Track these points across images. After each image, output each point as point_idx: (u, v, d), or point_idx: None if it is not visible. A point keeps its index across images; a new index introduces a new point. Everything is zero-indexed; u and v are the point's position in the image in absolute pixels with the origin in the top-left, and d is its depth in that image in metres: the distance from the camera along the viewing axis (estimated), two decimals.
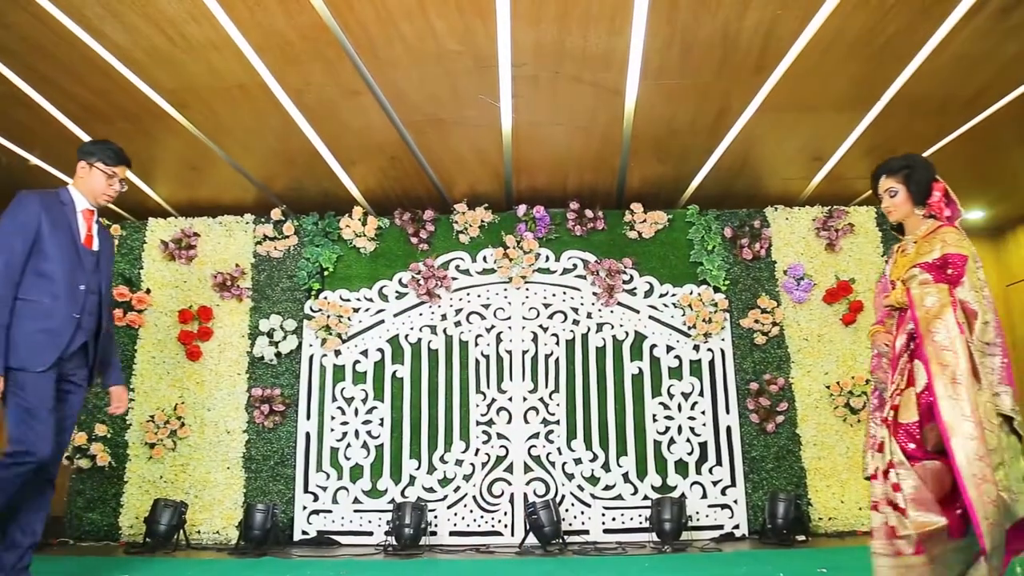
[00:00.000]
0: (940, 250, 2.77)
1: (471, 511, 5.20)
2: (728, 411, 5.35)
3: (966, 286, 2.69)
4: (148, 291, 5.62)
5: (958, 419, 2.50)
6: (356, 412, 5.39)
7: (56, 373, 3.10)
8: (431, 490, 5.24)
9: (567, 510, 5.14)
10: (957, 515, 2.49)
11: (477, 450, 5.30)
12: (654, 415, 5.33)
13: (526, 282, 5.58)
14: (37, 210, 3.15)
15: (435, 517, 5.13)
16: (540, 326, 5.52)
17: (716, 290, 5.54)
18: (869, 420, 2.86)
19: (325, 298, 5.53)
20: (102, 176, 3.30)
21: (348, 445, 5.32)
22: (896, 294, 2.87)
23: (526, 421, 5.35)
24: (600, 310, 5.53)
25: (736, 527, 5.11)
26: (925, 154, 5.12)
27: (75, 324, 3.15)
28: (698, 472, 5.23)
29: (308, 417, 5.37)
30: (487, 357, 5.48)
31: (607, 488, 5.21)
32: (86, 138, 4.74)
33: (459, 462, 5.29)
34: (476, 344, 5.50)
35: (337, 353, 5.48)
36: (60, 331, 3.10)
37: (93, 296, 3.25)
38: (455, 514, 5.19)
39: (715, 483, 5.21)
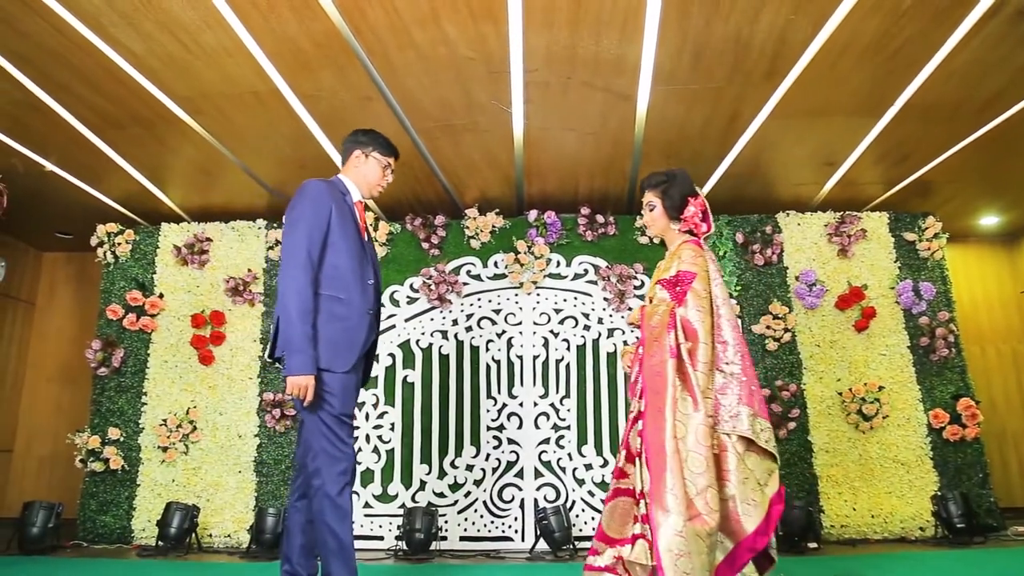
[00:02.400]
0: (676, 267, 2.77)
1: (481, 516, 5.19)
2: None
3: (689, 304, 2.67)
4: (161, 296, 5.65)
5: (658, 446, 2.50)
6: (367, 417, 5.40)
7: (355, 375, 2.89)
8: (442, 495, 5.24)
9: (578, 515, 5.13)
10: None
11: (488, 455, 5.30)
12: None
13: (537, 287, 5.58)
14: (328, 201, 2.91)
15: (446, 522, 5.13)
16: (551, 331, 5.52)
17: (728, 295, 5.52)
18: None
19: None
20: (377, 166, 3.12)
21: (359, 450, 5.33)
22: (634, 313, 2.89)
23: (537, 426, 5.34)
24: (611, 315, 5.53)
25: None
26: (938, 160, 5.11)
27: (368, 321, 2.94)
28: None
29: None
30: (498, 362, 5.48)
31: None
32: (101, 145, 4.80)
33: (470, 467, 5.29)
34: (487, 349, 5.51)
35: None
36: (357, 328, 2.88)
37: (376, 291, 3.05)
38: (466, 519, 5.19)
39: None
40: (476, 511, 5.20)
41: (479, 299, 5.60)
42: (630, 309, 5.51)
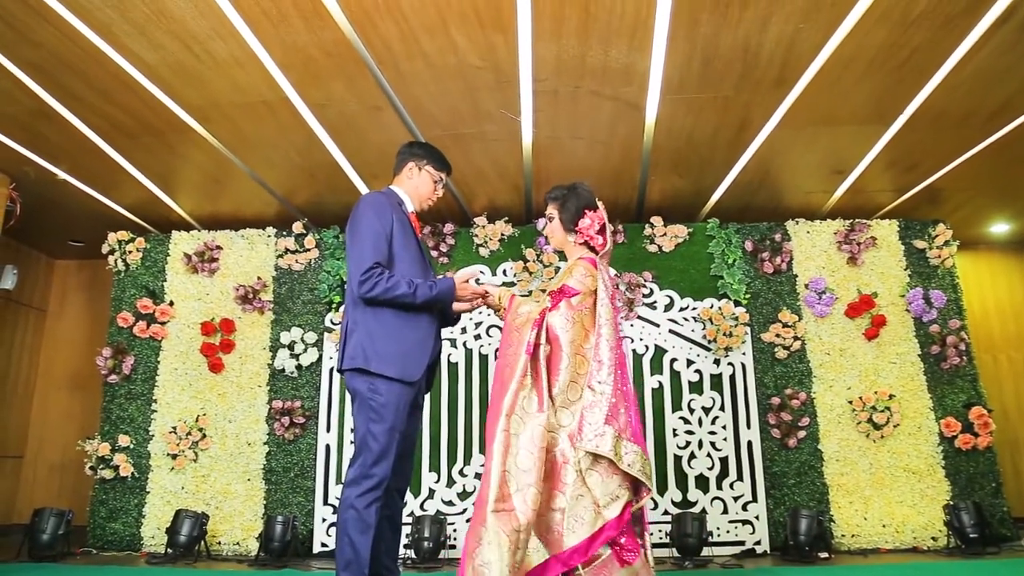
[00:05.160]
0: (563, 281, 2.78)
1: None
2: (749, 426, 5.30)
3: (560, 312, 2.67)
4: (171, 303, 5.68)
5: (491, 434, 2.53)
6: None
7: (416, 388, 2.84)
8: (450, 503, 5.24)
9: None
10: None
11: None
12: (674, 429, 5.30)
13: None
14: (389, 212, 2.88)
15: (454, 530, 5.12)
16: None
17: (737, 304, 5.52)
18: None
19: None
20: (430, 179, 3.09)
21: None
22: (503, 295, 2.93)
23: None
24: (620, 323, 5.51)
25: (757, 543, 5.06)
26: (948, 167, 5.09)
27: (436, 332, 2.92)
28: (719, 487, 5.19)
29: (328, 430, 5.39)
30: None
31: None
32: (112, 153, 4.83)
33: (478, 475, 5.28)
34: (496, 357, 5.51)
35: None
36: (426, 339, 2.85)
37: None
38: None
39: (736, 499, 5.17)
40: None
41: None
42: (639, 317, 5.50)
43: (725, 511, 5.14)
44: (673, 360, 5.44)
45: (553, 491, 2.54)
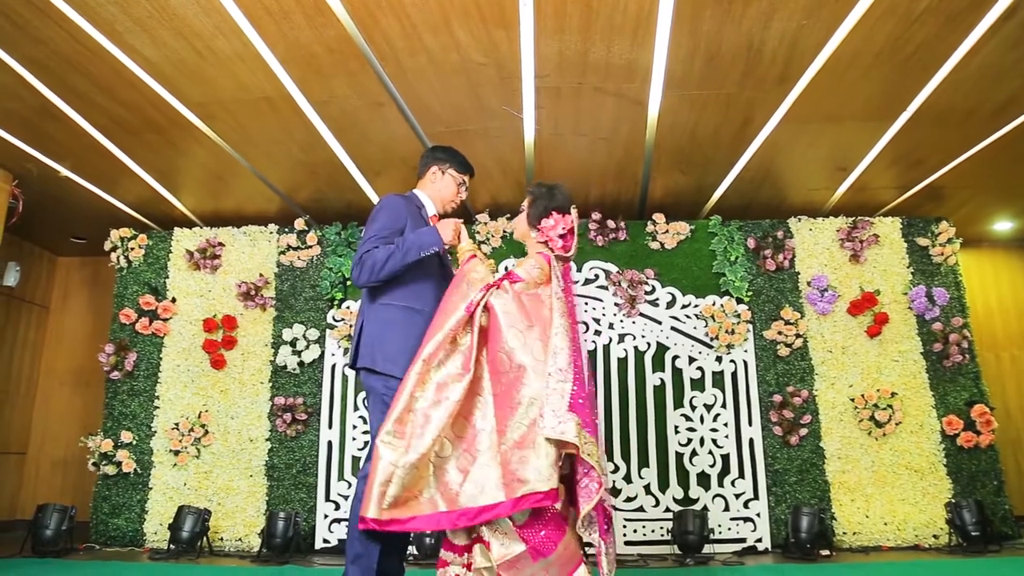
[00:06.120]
0: (513, 269, 2.80)
1: None
2: (751, 423, 5.30)
3: (499, 294, 2.67)
4: (173, 300, 5.68)
5: (403, 386, 2.58)
6: None
7: None
8: None
9: None
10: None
11: None
12: (676, 427, 5.30)
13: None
14: (404, 214, 2.93)
15: None
16: None
17: (739, 301, 5.51)
18: None
19: (348, 307, 5.57)
20: (453, 183, 3.13)
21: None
22: (467, 249, 2.94)
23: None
24: (622, 321, 5.52)
25: (759, 540, 5.06)
26: (952, 164, 5.09)
27: None
28: (720, 485, 5.19)
29: (330, 426, 5.40)
30: None
31: (629, 500, 5.18)
32: (115, 150, 4.84)
33: None
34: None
35: None
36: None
37: None
38: None
39: (738, 496, 5.17)
40: None
41: None
42: (641, 315, 5.50)
43: (727, 508, 5.14)
44: (675, 357, 5.44)
45: (465, 453, 2.54)
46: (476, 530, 2.55)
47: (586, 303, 5.57)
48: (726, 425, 5.30)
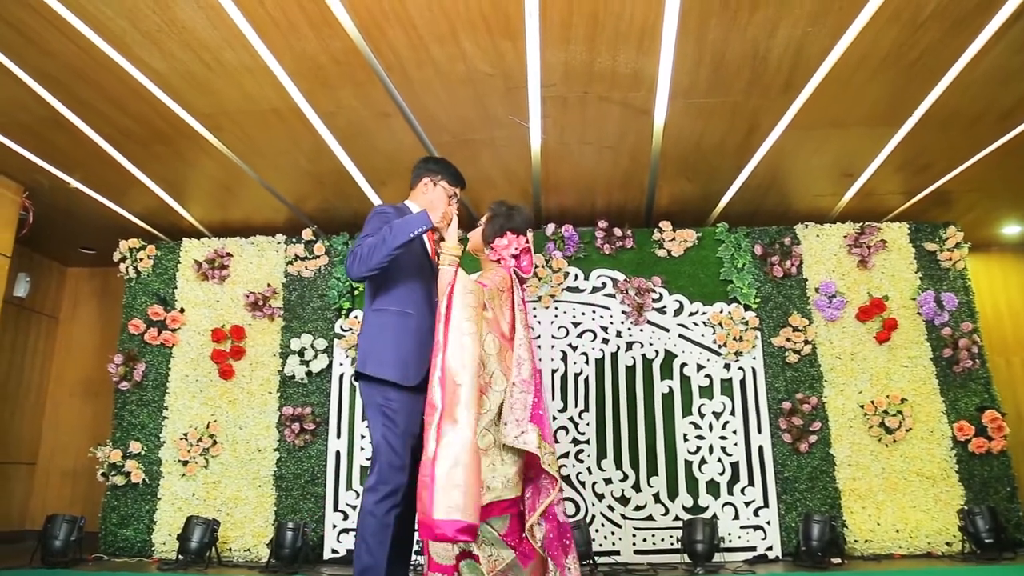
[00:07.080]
0: (477, 277, 2.86)
1: None
2: (760, 431, 5.28)
3: (457, 299, 2.69)
4: (182, 310, 5.70)
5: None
6: None
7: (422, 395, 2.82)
8: None
9: (597, 530, 5.10)
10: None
11: None
12: (685, 434, 5.28)
13: (555, 301, 5.58)
14: (394, 221, 2.95)
15: None
16: (569, 345, 5.51)
17: (747, 308, 5.50)
18: None
19: (355, 317, 5.58)
20: (444, 195, 3.11)
21: None
22: (455, 237, 2.97)
23: (556, 440, 5.32)
24: (630, 329, 5.51)
25: (769, 549, 5.03)
26: (959, 169, 5.07)
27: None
28: (730, 493, 5.16)
29: (338, 436, 5.40)
30: None
31: (638, 508, 5.16)
32: (123, 161, 4.87)
33: None
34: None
35: None
36: (425, 345, 2.83)
37: None
38: None
39: (747, 504, 5.14)
40: None
41: None
42: (648, 322, 5.49)
43: (736, 516, 5.11)
44: (683, 365, 5.43)
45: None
46: (461, 546, 2.53)
47: (593, 311, 5.57)
48: (735, 433, 5.28)
